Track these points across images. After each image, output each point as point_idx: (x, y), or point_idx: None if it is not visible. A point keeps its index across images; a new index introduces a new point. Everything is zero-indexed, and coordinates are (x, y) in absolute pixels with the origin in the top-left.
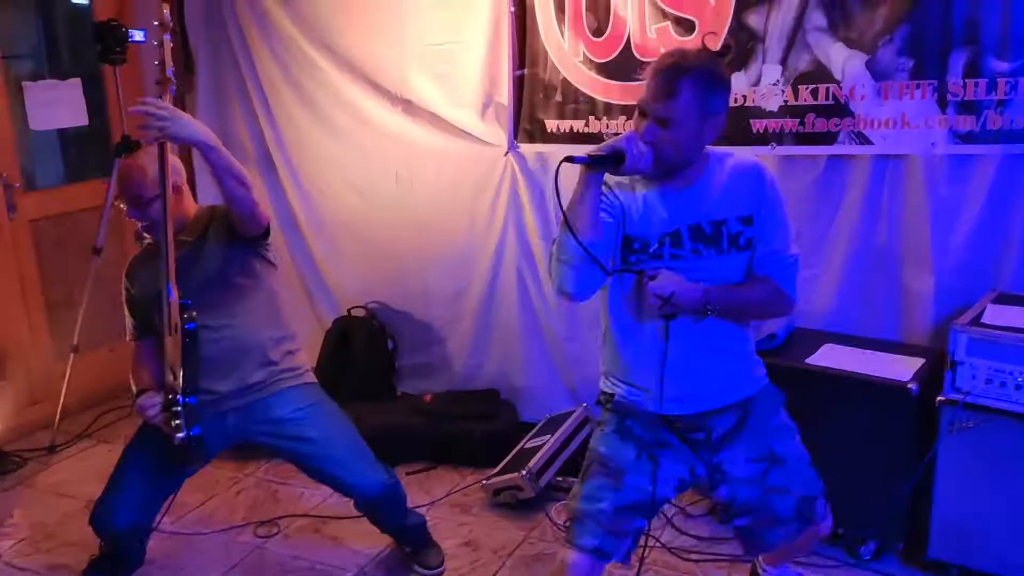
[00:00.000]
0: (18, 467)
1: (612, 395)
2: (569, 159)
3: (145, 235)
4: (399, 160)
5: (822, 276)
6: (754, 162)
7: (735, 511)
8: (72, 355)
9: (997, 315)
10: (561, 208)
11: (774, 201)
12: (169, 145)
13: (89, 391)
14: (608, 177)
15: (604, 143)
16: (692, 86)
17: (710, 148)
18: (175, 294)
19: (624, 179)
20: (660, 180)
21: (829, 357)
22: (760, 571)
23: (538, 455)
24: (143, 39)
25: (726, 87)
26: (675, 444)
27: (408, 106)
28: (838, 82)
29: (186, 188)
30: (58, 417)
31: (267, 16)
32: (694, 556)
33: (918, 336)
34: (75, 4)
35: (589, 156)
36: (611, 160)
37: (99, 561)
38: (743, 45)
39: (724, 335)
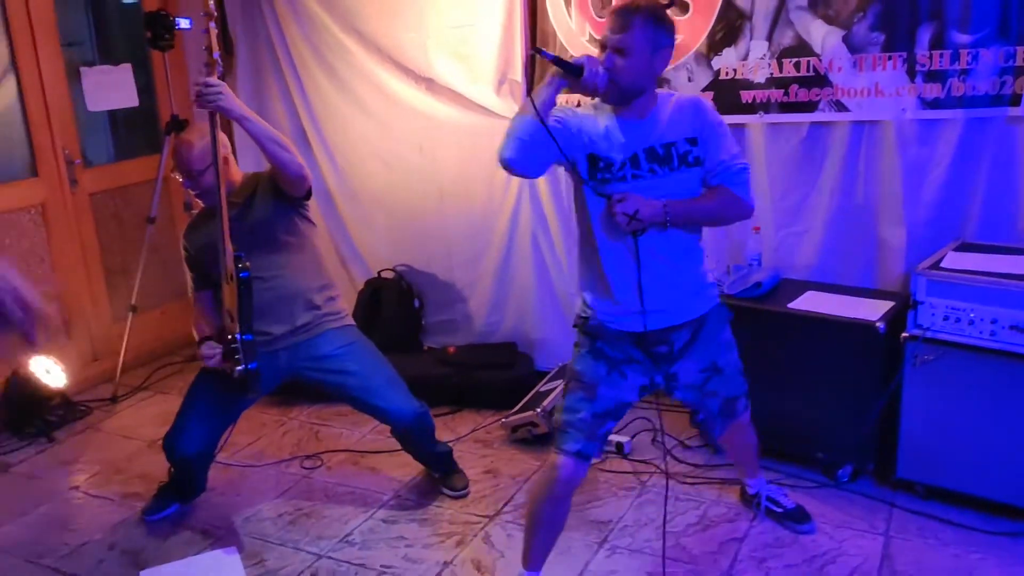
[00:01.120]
0: (85, 415)
1: (587, 319)
2: (538, 50)
3: (197, 200)
4: (422, 134)
5: (806, 232)
6: (695, 96)
7: (690, 409)
8: (130, 315)
9: (955, 261)
10: (528, 93)
11: (714, 121)
12: (219, 118)
13: (145, 348)
14: (583, 100)
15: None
16: (642, 22)
17: (659, 90)
18: (230, 248)
19: (591, 108)
20: (619, 111)
21: (810, 302)
22: (745, 486)
23: (551, 396)
24: (189, 26)
25: (671, 27)
26: (640, 359)
27: (430, 84)
28: (818, 55)
29: (231, 158)
30: (119, 371)
31: (299, 3)
32: (690, 480)
33: (891, 283)
34: (125, 3)
35: (556, 56)
36: (572, 69)
37: (167, 487)
38: (732, 23)
39: (683, 250)
